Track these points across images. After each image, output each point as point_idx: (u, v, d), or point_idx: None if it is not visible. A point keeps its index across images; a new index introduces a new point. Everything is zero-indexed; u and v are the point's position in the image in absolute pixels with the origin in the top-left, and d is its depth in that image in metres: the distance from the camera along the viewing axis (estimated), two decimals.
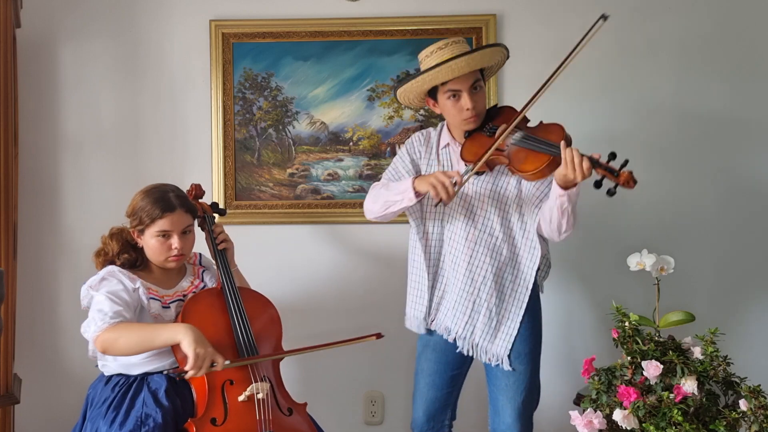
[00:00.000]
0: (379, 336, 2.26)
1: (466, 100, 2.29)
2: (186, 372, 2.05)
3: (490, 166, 2.30)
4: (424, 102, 2.42)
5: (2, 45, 2.58)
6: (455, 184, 2.18)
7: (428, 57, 2.31)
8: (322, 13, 3.01)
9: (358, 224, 3.01)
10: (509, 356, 2.33)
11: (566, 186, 2.13)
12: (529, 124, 2.33)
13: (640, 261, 2.39)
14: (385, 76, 3.01)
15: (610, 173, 2.03)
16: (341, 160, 3.03)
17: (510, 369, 2.33)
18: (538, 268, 2.40)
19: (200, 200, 2.51)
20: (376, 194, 2.41)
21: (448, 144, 2.41)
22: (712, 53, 2.98)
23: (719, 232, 2.99)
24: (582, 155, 2.06)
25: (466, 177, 2.23)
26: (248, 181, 3.04)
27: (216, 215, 2.52)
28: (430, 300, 2.41)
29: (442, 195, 2.17)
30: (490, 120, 2.35)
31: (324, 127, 3.03)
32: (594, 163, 2.06)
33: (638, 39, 2.99)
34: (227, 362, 2.10)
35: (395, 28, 2.99)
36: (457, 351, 2.40)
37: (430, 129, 2.50)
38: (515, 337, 2.32)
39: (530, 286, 2.31)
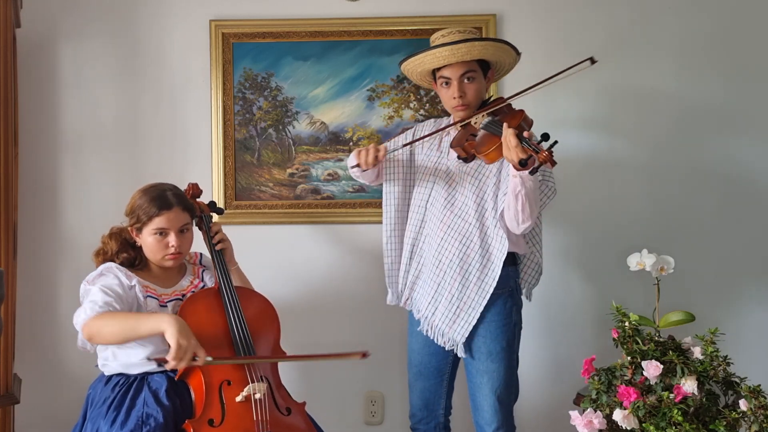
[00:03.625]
0: (364, 355, 2.23)
1: (454, 89, 2.35)
2: (166, 361, 2.02)
3: (467, 152, 2.34)
4: (431, 84, 2.49)
5: (2, 45, 2.58)
6: (376, 158, 2.34)
7: (434, 41, 2.38)
8: (322, 13, 3.00)
9: (358, 224, 3.01)
10: (466, 344, 2.36)
11: (516, 168, 2.15)
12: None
13: (640, 261, 2.39)
14: (385, 76, 3.01)
15: (533, 151, 2.07)
16: (341, 160, 3.02)
17: (464, 356, 2.38)
18: (521, 269, 2.45)
19: (197, 199, 2.51)
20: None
21: (449, 132, 2.47)
22: (712, 51, 2.97)
23: (719, 232, 2.99)
24: (516, 135, 2.10)
25: (392, 153, 2.45)
26: (248, 181, 3.03)
27: (214, 214, 2.52)
28: (406, 274, 2.46)
29: (360, 160, 2.36)
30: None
31: (324, 127, 3.03)
32: (520, 139, 2.09)
33: (638, 36, 2.98)
34: (209, 358, 2.06)
35: (395, 28, 2.99)
36: (438, 343, 2.42)
37: (444, 117, 2.58)
38: (476, 327, 2.33)
39: (497, 278, 2.30)
